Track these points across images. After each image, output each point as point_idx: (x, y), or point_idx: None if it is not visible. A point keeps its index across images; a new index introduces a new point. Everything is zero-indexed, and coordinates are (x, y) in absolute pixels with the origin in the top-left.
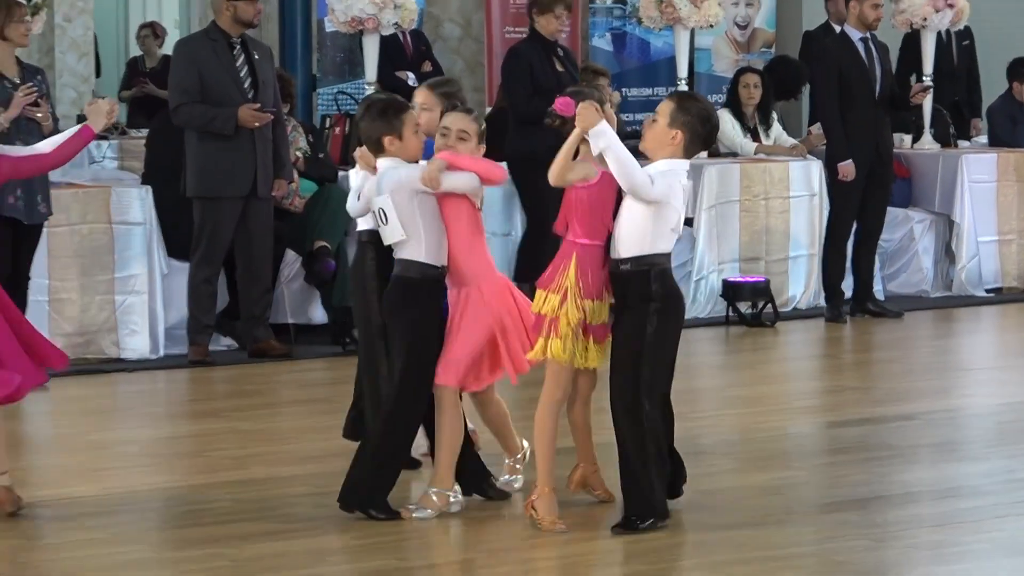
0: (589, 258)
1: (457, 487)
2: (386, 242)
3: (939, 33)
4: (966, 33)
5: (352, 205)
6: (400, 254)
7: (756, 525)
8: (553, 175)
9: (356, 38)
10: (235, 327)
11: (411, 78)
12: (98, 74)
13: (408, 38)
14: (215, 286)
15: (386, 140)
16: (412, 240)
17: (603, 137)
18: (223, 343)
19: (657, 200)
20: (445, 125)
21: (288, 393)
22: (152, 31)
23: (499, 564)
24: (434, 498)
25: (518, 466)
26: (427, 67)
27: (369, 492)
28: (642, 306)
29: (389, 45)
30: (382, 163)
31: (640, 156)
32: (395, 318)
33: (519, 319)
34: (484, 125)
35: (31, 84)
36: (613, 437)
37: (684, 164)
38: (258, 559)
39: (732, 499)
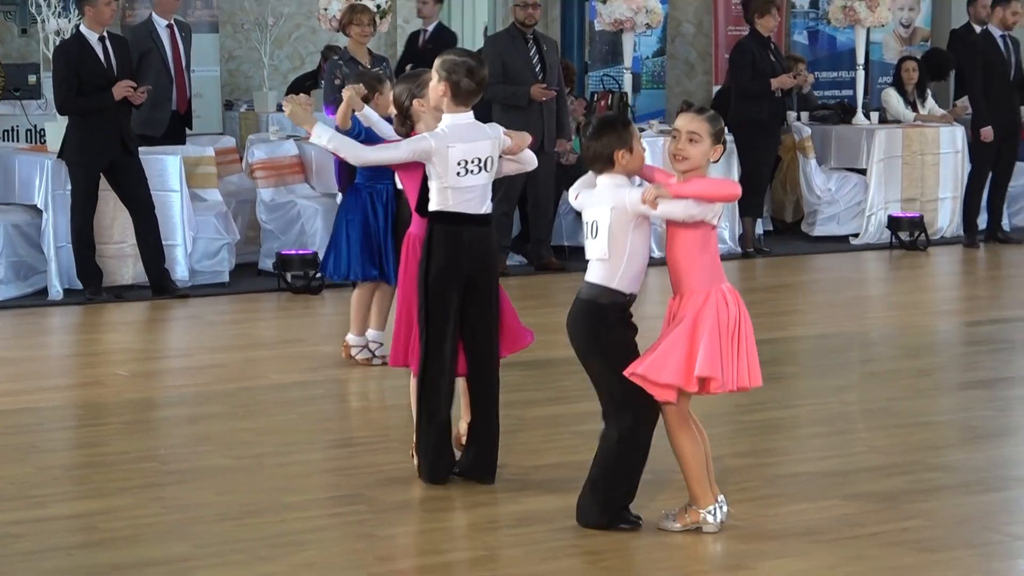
0: None
1: (720, 499)
2: (587, 256)
3: None
4: None
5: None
6: (592, 275)
7: (909, 399)
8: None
9: (617, 34)
10: (525, 248)
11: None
12: None
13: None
14: (511, 218)
15: (618, 154)
16: (612, 262)
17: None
18: (516, 259)
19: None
20: (676, 127)
21: (563, 296)
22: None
23: None
24: (687, 515)
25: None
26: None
27: (601, 518)
28: None
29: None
30: (604, 180)
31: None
32: (589, 345)
33: (730, 328)
34: (722, 125)
35: (378, 68)
36: None
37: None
38: (538, 418)
39: (891, 379)
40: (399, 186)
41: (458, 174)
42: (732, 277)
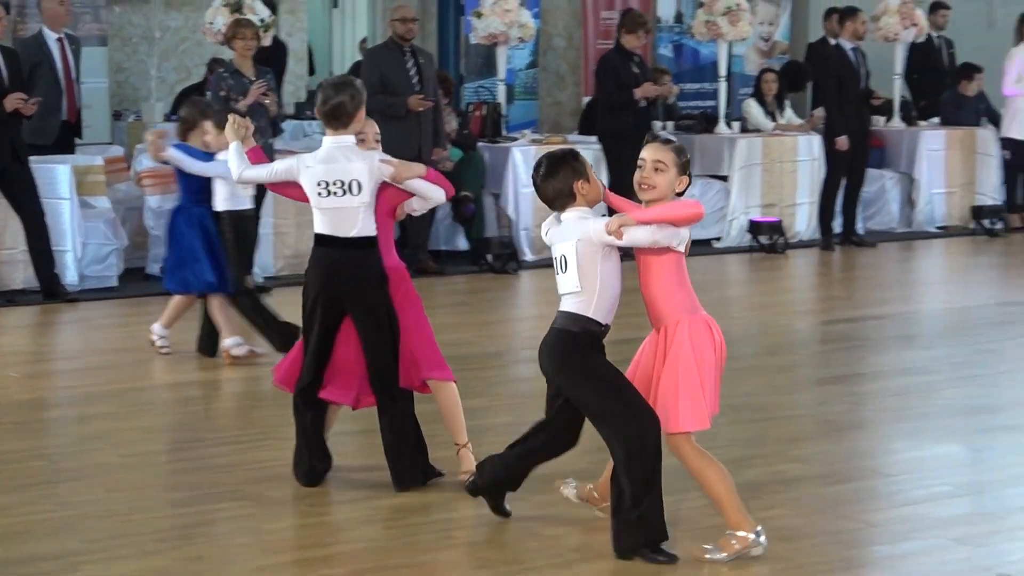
0: None
1: (758, 527)
2: (559, 291)
3: (933, 41)
4: (952, 43)
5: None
6: (565, 306)
7: (769, 394)
8: None
9: (491, 48)
10: (403, 252)
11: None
12: (311, 73)
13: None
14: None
15: (578, 185)
16: (585, 294)
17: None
18: None
19: None
20: (642, 156)
21: (441, 299)
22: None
23: None
24: (733, 542)
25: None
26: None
27: (644, 537)
28: None
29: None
30: (568, 215)
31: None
32: (565, 373)
33: (718, 357)
34: (687, 157)
35: (262, 80)
36: None
37: None
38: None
39: (752, 375)
40: (216, 208)
41: (319, 194)
42: None
